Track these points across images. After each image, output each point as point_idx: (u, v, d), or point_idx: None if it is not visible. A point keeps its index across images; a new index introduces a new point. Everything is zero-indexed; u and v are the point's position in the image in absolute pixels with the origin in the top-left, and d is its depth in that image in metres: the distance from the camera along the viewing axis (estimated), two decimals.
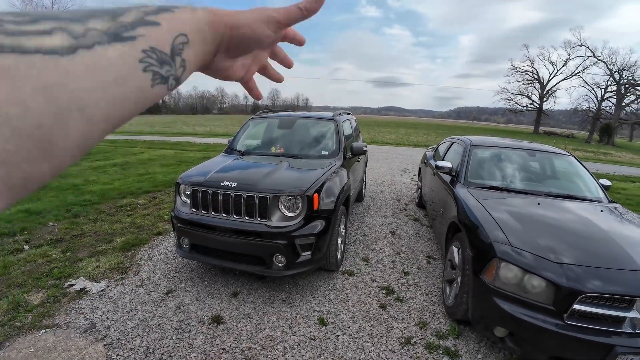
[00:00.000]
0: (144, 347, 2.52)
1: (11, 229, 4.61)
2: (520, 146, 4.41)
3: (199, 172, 3.45)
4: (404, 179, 9.09)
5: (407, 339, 2.70)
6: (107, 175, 8.75)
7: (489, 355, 2.59)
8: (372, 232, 4.95)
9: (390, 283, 3.53)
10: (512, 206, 3.07)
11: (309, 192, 3.02)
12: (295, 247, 2.93)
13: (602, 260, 2.29)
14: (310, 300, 3.16)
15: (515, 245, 2.42)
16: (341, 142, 4.26)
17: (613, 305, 2.12)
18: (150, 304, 3.03)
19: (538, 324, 2.17)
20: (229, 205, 3.05)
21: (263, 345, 2.57)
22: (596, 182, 3.81)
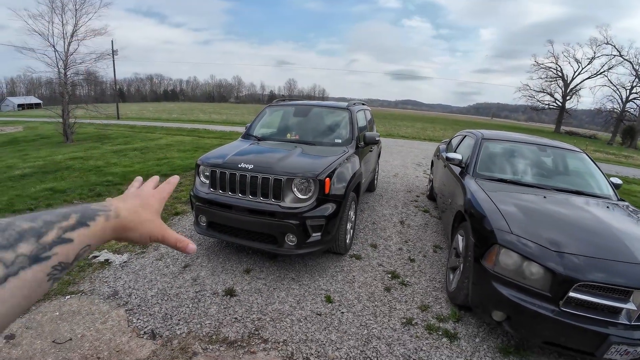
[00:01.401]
0: (162, 313, 2.72)
1: (37, 205, 4.90)
2: (531, 141, 4.43)
3: (218, 155, 3.63)
4: (417, 172, 9.14)
5: (409, 319, 2.84)
6: (127, 158, 9.08)
7: (487, 340, 2.69)
8: (382, 220, 5.07)
9: (396, 268, 3.67)
10: (517, 198, 3.12)
11: (321, 176, 3.16)
12: (306, 228, 3.09)
13: (601, 252, 2.33)
14: (319, 280, 3.32)
15: (516, 233, 2.50)
16: (354, 131, 4.36)
17: (610, 296, 2.16)
18: (168, 276, 3.25)
19: (534, 309, 2.24)
20: (245, 186, 3.22)
21: (272, 317, 2.75)
22: (606, 180, 3.82)
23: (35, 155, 9.90)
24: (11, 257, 0.32)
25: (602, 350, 2.12)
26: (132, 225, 0.50)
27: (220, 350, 2.37)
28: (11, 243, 0.33)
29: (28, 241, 0.34)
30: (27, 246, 0.34)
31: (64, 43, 12.73)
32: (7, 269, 0.31)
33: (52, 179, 6.65)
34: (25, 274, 0.33)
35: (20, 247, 0.33)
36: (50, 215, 0.39)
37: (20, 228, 0.35)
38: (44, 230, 0.36)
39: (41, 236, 0.36)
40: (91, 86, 24.86)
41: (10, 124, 24.11)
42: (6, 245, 0.32)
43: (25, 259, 0.33)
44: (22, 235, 0.34)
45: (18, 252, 0.33)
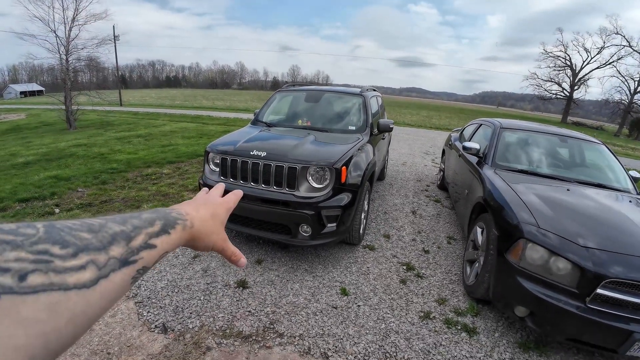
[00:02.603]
0: (173, 306, 2.65)
1: (41, 194, 4.82)
2: (551, 131, 4.29)
3: (227, 141, 3.51)
4: (425, 161, 9.00)
5: (427, 313, 2.76)
6: (131, 145, 8.97)
7: (506, 335, 2.62)
8: (393, 210, 4.97)
9: (410, 260, 3.58)
10: (540, 190, 3.02)
11: (338, 164, 3.04)
12: (321, 218, 2.98)
13: (629, 248, 2.26)
14: (332, 271, 3.24)
15: (544, 227, 2.41)
16: (368, 117, 4.22)
17: (635, 293, 2.11)
18: (178, 267, 3.17)
19: (560, 305, 2.18)
20: (257, 174, 3.11)
21: (287, 310, 2.67)
22: (626, 173, 3.71)
23: (39, 142, 9.82)
24: (104, 259, 0.32)
25: (625, 347, 2.08)
26: (202, 236, 0.51)
27: (234, 345, 2.29)
28: (104, 245, 0.33)
29: (119, 244, 0.35)
30: (118, 249, 0.34)
31: (64, 28, 12.56)
32: (99, 271, 0.31)
33: (55, 167, 6.57)
34: (115, 276, 0.33)
35: (112, 249, 0.34)
36: (138, 220, 0.40)
37: (113, 231, 0.35)
38: (133, 235, 0.37)
39: (130, 240, 0.37)
40: (93, 72, 24.62)
41: (13, 111, 24.03)
42: (99, 247, 0.33)
43: (116, 262, 0.34)
44: (114, 238, 0.35)
45: (110, 255, 0.33)
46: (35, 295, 0.25)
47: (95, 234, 0.33)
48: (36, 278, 0.26)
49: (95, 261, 0.31)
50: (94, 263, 0.31)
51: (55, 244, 0.29)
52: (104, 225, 0.35)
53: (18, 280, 0.25)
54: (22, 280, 0.25)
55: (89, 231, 0.33)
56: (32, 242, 0.28)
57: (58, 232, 0.30)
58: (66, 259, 0.29)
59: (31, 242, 0.28)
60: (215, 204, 0.58)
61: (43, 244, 0.28)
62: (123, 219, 0.38)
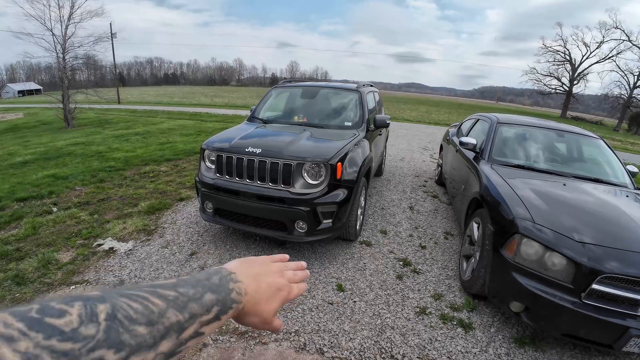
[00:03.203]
0: None
1: (39, 193, 4.81)
2: (548, 126, 4.28)
3: (223, 138, 3.50)
4: (423, 157, 9.00)
5: (422, 308, 2.76)
6: (129, 143, 8.96)
7: (502, 330, 2.62)
8: (391, 206, 4.97)
9: (407, 255, 3.58)
10: (536, 185, 3.01)
11: (333, 160, 3.04)
12: (317, 215, 2.98)
13: (625, 243, 2.26)
14: (329, 267, 3.24)
15: (539, 223, 2.40)
16: (365, 113, 4.21)
17: (631, 288, 2.11)
18: (175, 264, 3.17)
19: (555, 300, 2.18)
20: (253, 171, 3.11)
21: (283, 306, 2.67)
22: (623, 168, 3.70)
23: (37, 141, 9.81)
24: (151, 357, 0.32)
25: (621, 343, 2.08)
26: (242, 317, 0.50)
27: (230, 342, 2.30)
28: (156, 342, 0.33)
29: (170, 338, 0.35)
30: (168, 344, 0.34)
31: (61, 26, 12.50)
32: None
33: (53, 166, 6.56)
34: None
35: (162, 345, 0.34)
36: (197, 305, 0.39)
37: (169, 322, 0.35)
38: (186, 326, 0.37)
39: (182, 332, 0.36)
40: (91, 71, 24.59)
41: (11, 110, 23.96)
42: (151, 345, 0.33)
43: (162, 356, 0.34)
44: (168, 331, 0.35)
45: (158, 351, 0.33)
46: None
47: (151, 328, 0.33)
48: None
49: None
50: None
51: (110, 347, 0.29)
52: (164, 313, 0.35)
53: None
54: None
55: (147, 324, 0.33)
56: (89, 349, 0.28)
57: (117, 328, 0.30)
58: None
59: (88, 350, 0.27)
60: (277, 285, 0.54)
61: (100, 349, 0.28)
62: (184, 302, 0.38)
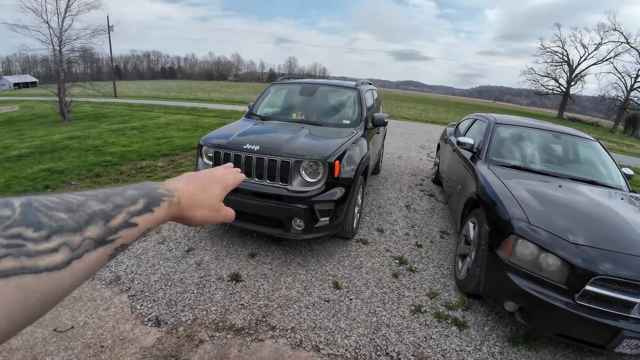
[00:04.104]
0: (166, 299, 2.65)
1: (34, 187, 4.78)
2: (546, 127, 4.30)
3: (221, 135, 3.49)
4: (420, 155, 9.02)
5: (418, 307, 2.79)
6: (125, 137, 8.91)
7: (496, 329, 2.65)
8: (387, 204, 4.99)
9: (403, 254, 3.60)
10: (532, 186, 3.03)
11: (331, 158, 3.04)
12: (314, 212, 2.99)
13: (618, 245, 2.28)
14: (325, 265, 3.26)
15: (534, 223, 2.42)
16: (363, 111, 4.22)
17: (624, 290, 2.14)
18: (171, 260, 3.17)
19: (549, 301, 2.20)
20: (250, 168, 3.10)
21: (279, 303, 2.69)
22: (619, 171, 3.73)
23: (32, 135, 9.72)
24: (78, 241, 0.32)
25: (613, 344, 2.11)
26: (189, 212, 0.50)
27: (227, 338, 2.31)
28: (80, 226, 0.33)
29: (97, 224, 0.34)
30: (95, 229, 0.34)
31: (58, 19, 12.35)
32: (72, 253, 0.31)
33: (49, 159, 6.51)
34: (89, 256, 0.33)
35: (88, 230, 0.33)
36: (121, 197, 0.39)
37: (91, 210, 0.35)
38: (113, 214, 0.37)
39: (109, 220, 0.36)
40: (87, 63, 24.34)
41: (7, 103, 23.71)
42: (75, 228, 0.32)
43: (92, 242, 0.33)
44: (92, 217, 0.34)
45: (85, 235, 0.33)
46: (5, 279, 0.26)
47: (72, 214, 0.33)
48: (8, 262, 0.27)
49: (69, 243, 0.31)
50: (67, 245, 0.31)
51: (29, 226, 0.29)
52: (84, 203, 0.35)
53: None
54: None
55: (66, 210, 0.33)
56: (6, 226, 0.28)
57: (34, 212, 0.30)
58: (39, 242, 0.29)
59: (5, 226, 0.28)
60: (211, 178, 0.57)
61: (17, 227, 0.28)
62: (105, 195, 0.38)
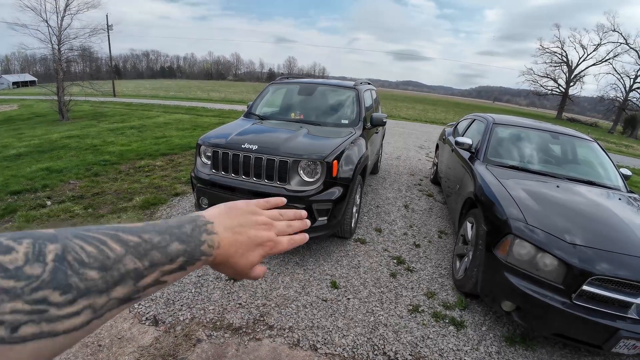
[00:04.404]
0: (164, 299, 2.65)
1: (33, 186, 4.77)
2: (544, 128, 4.31)
3: (219, 134, 3.49)
4: (419, 155, 9.03)
5: (415, 306, 2.79)
6: (124, 137, 8.90)
7: (493, 328, 2.66)
8: (386, 204, 4.99)
9: (401, 254, 3.61)
10: (530, 186, 3.04)
11: (329, 158, 3.05)
12: (312, 212, 2.99)
13: (615, 245, 2.29)
14: (323, 265, 3.26)
15: (531, 224, 2.43)
16: (361, 111, 4.22)
17: (621, 290, 2.14)
18: None
19: (546, 301, 2.21)
20: (249, 168, 3.11)
21: (277, 302, 2.69)
22: (617, 171, 3.74)
23: (31, 134, 9.70)
24: (103, 302, 0.31)
25: (610, 344, 2.11)
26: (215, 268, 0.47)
27: (225, 337, 2.31)
28: (109, 287, 0.32)
29: (126, 284, 0.33)
30: (123, 290, 0.33)
31: (57, 18, 12.34)
32: (94, 314, 0.30)
33: (48, 159, 6.51)
34: (109, 315, 0.32)
35: (116, 290, 0.32)
36: (161, 254, 0.36)
37: (125, 269, 0.33)
38: (145, 274, 0.35)
39: (140, 279, 0.34)
40: (86, 63, 24.27)
41: (5, 102, 23.65)
42: (103, 290, 0.31)
43: (116, 302, 0.32)
44: (124, 277, 0.33)
45: (112, 297, 0.32)
46: (23, 344, 0.26)
47: (104, 273, 0.31)
48: (28, 329, 0.26)
49: (93, 305, 0.30)
50: (91, 307, 0.30)
51: (56, 289, 0.28)
52: (121, 260, 0.33)
53: (10, 332, 0.25)
54: (14, 332, 0.25)
55: (99, 269, 0.31)
56: (33, 289, 0.27)
57: (65, 271, 0.29)
58: (62, 307, 0.28)
59: (31, 289, 0.27)
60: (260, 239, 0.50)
61: (44, 290, 0.27)
62: (145, 250, 0.35)
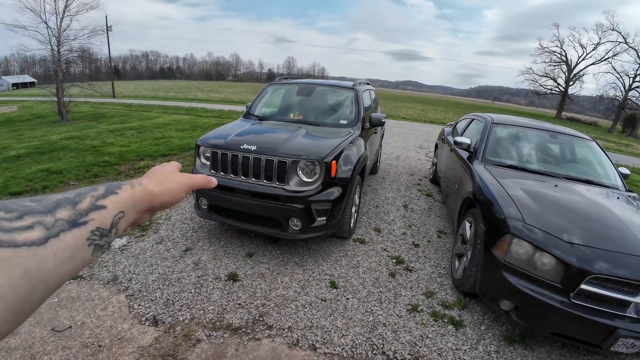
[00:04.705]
0: (164, 299, 2.66)
1: (33, 187, 4.78)
2: (542, 127, 4.32)
3: (218, 135, 3.50)
4: (418, 155, 9.04)
5: (414, 306, 2.80)
6: (124, 138, 8.90)
7: (492, 328, 2.67)
8: (385, 204, 5.00)
9: (400, 253, 3.62)
10: (528, 186, 3.05)
11: (328, 158, 3.05)
12: (311, 212, 3.00)
13: (613, 244, 2.29)
14: (322, 265, 3.27)
15: (529, 223, 2.44)
16: (360, 111, 4.23)
17: (619, 289, 2.14)
18: (169, 260, 3.18)
19: (544, 300, 2.21)
20: (248, 168, 3.12)
21: (276, 302, 2.70)
22: (615, 170, 3.75)
23: (31, 135, 9.71)
24: (51, 220, 0.34)
25: (609, 343, 2.11)
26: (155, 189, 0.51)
27: (224, 337, 2.32)
28: (49, 209, 0.35)
29: (65, 207, 0.36)
30: (64, 212, 0.36)
31: (56, 19, 12.34)
32: (47, 231, 0.33)
33: (47, 160, 6.51)
34: (65, 236, 0.34)
35: (58, 212, 0.35)
36: (82, 189, 0.41)
37: (56, 198, 0.37)
38: (77, 200, 0.38)
39: (76, 204, 0.38)
40: (86, 64, 24.26)
41: (5, 103, 23.66)
42: (44, 211, 0.34)
43: (65, 223, 0.35)
44: (59, 203, 0.36)
45: (57, 217, 0.34)
46: None
47: (39, 202, 0.35)
48: None
49: (42, 222, 0.33)
50: (40, 224, 0.33)
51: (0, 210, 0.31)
52: (46, 196, 0.37)
53: None
54: None
55: (32, 200, 0.35)
56: None
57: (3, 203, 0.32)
58: (12, 221, 0.31)
59: None
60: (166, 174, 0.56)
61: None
62: (65, 193, 0.40)
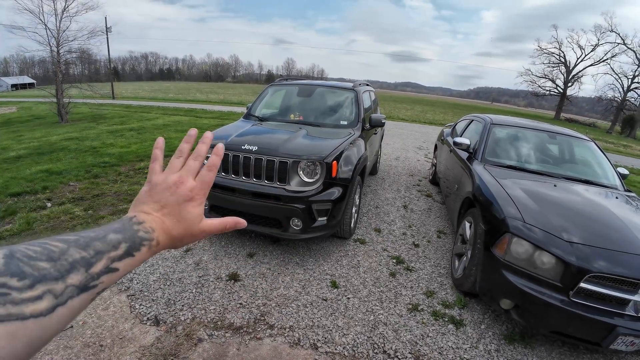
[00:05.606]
0: (165, 299, 2.67)
1: (33, 188, 4.78)
2: (541, 128, 4.34)
3: (219, 135, 3.51)
4: (418, 156, 9.06)
5: (415, 305, 2.81)
6: (124, 139, 8.91)
7: (492, 327, 2.68)
8: (385, 204, 5.02)
9: (400, 253, 3.63)
10: (528, 186, 3.06)
11: (328, 159, 3.07)
12: (312, 212, 3.01)
13: (612, 243, 2.31)
14: (323, 265, 3.28)
15: (529, 222, 2.45)
16: (360, 112, 4.25)
17: (619, 288, 2.16)
18: (170, 260, 3.19)
19: (544, 298, 2.23)
20: (249, 169, 3.13)
21: (278, 302, 2.71)
22: (614, 170, 3.77)
23: (30, 136, 9.71)
24: (61, 288, 0.34)
25: (608, 341, 2.13)
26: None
27: (225, 337, 2.33)
28: (62, 274, 0.35)
29: (78, 272, 0.36)
30: (77, 277, 0.36)
31: (55, 20, 12.35)
32: (56, 300, 0.33)
33: (47, 161, 6.52)
34: (72, 303, 0.35)
35: (70, 277, 0.35)
36: (102, 243, 0.40)
37: (72, 259, 0.36)
38: (94, 261, 0.38)
39: (91, 267, 0.38)
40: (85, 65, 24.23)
41: (4, 104, 23.66)
42: (57, 277, 0.34)
43: (74, 289, 0.35)
44: (74, 265, 0.36)
45: (68, 283, 0.35)
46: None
47: (54, 263, 0.34)
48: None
49: (52, 290, 0.33)
50: (50, 292, 0.33)
51: (13, 276, 0.31)
52: (65, 251, 0.36)
53: None
54: None
55: (48, 260, 0.34)
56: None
57: (17, 263, 0.32)
58: (23, 291, 0.31)
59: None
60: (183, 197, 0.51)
61: (2, 277, 0.30)
62: (86, 241, 0.39)
